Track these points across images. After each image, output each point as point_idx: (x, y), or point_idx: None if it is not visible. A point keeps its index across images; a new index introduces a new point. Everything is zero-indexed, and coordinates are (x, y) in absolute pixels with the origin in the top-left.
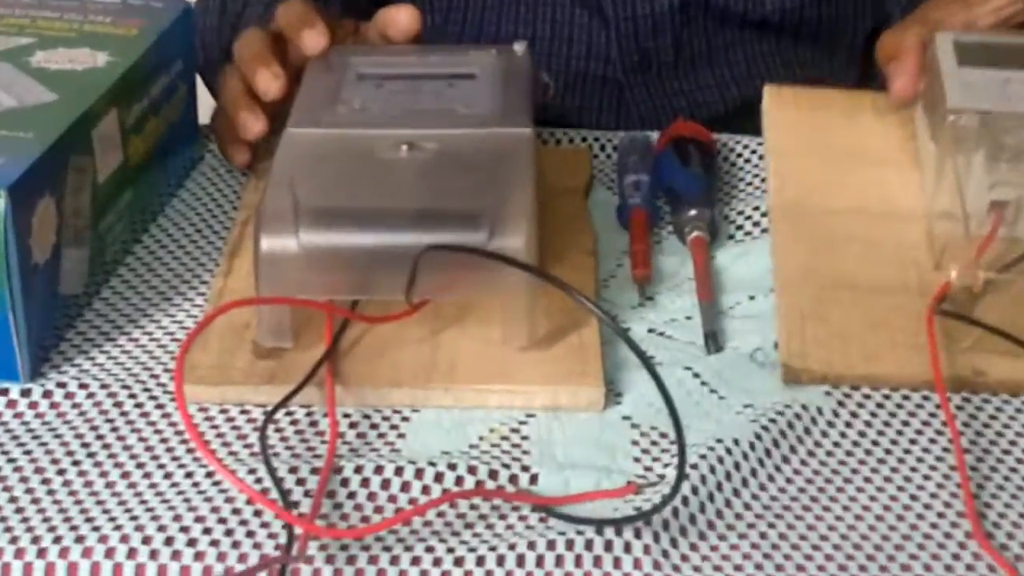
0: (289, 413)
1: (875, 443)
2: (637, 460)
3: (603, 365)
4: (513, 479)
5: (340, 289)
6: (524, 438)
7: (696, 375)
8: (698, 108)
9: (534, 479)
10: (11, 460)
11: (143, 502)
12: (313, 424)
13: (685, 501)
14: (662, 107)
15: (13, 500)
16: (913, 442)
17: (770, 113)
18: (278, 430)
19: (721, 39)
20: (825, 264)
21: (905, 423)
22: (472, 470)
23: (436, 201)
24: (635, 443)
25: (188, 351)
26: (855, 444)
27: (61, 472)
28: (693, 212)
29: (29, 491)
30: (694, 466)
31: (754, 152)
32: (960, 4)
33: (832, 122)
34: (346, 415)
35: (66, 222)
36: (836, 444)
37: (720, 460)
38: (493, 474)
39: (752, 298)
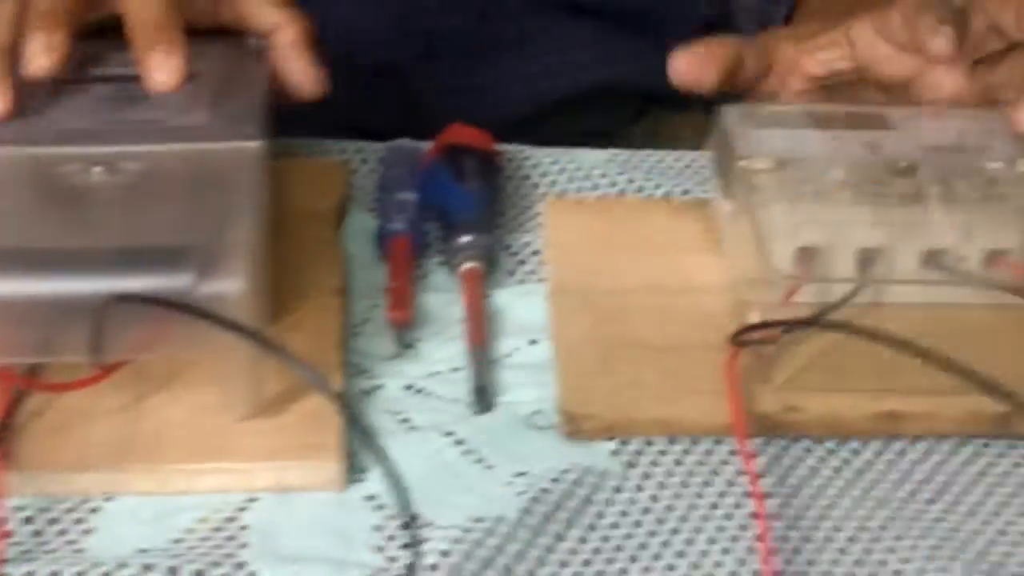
0: None
1: (670, 508)
2: (380, 549)
3: (346, 435)
4: None
5: (11, 350)
6: (243, 528)
7: (459, 441)
8: (500, 107)
9: None
10: None
11: None
12: None
13: None
14: (456, 106)
15: None
16: (715, 506)
17: (550, 217)
18: None
19: (528, 24)
20: (613, 330)
21: (707, 483)
22: (173, 572)
23: (133, 237)
24: (378, 529)
25: None
26: (645, 511)
27: None
28: (466, 239)
29: None
30: (446, 553)
31: (555, 163)
32: (791, 39)
33: (620, 221)
34: (20, 508)
35: None
36: (624, 513)
37: (478, 543)
38: (199, 575)
39: (534, 343)
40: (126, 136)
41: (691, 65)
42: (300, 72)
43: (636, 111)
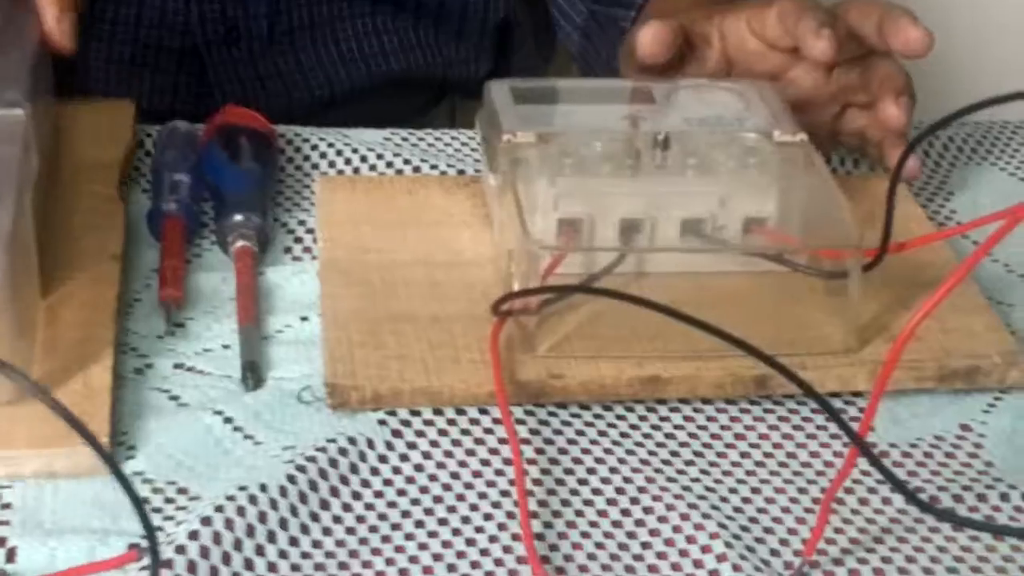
0: None
1: (433, 477)
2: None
3: (116, 413)
4: None
5: None
6: (5, 506)
7: (228, 419)
8: (298, 93)
9: (11, 555)
10: None
11: None
12: None
13: (192, 567)
14: (254, 92)
15: None
16: (478, 474)
17: (321, 195)
18: None
19: (327, 11)
20: (381, 304)
21: (470, 451)
22: None
23: None
24: (145, 501)
25: None
26: (409, 480)
27: None
28: (239, 217)
29: None
30: (207, 520)
31: (331, 146)
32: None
33: (392, 198)
34: None
35: None
36: (387, 482)
37: (240, 511)
38: None
39: (305, 319)
40: None
41: (657, 38)
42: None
43: (432, 99)
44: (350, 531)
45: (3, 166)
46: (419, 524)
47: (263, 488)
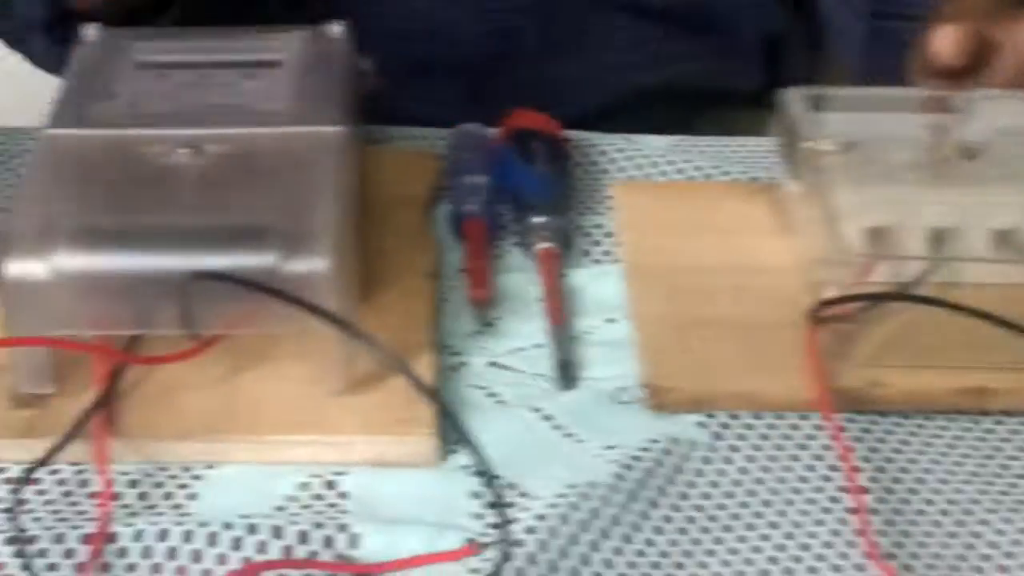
0: (54, 471)
1: (759, 480)
2: (478, 516)
3: (435, 409)
4: (328, 541)
5: (107, 323)
6: (342, 495)
7: (547, 417)
8: (566, 104)
9: (354, 541)
10: None
11: None
12: (84, 484)
13: (532, 560)
14: (523, 102)
15: None
16: (804, 479)
17: (618, 200)
18: (40, 492)
19: (595, 23)
20: (689, 309)
21: (794, 457)
22: (278, 533)
23: (219, 216)
24: (476, 496)
25: None
26: (736, 483)
27: None
28: (541, 219)
29: None
30: (542, 516)
31: (621, 151)
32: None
33: (689, 204)
34: (124, 473)
35: None
36: (714, 484)
37: (574, 507)
38: (303, 536)
39: (612, 321)
40: (212, 119)
41: (954, 43)
42: None
43: (696, 109)
44: (682, 531)
45: (325, 171)
46: (750, 527)
47: (593, 485)
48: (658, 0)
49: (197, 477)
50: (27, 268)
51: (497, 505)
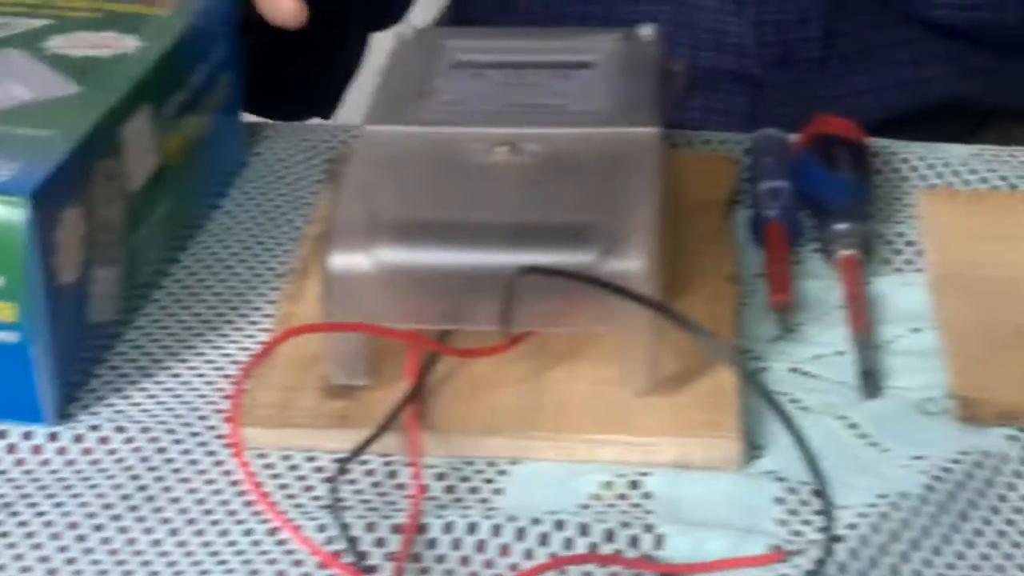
0: (363, 462)
1: None
2: (782, 523)
3: (742, 412)
4: (634, 541)
5: (424, 317)
6: (646, 495)
7: (852, 425)
8: (848, 117)
9: (659, 541)
10: (40, 514)
11: (196, 563)
12: (392, 475)
13: (842, 568)
14: (804, 114)
15: (44, 559)
16: None
17: (924, 209)
18: (351, 481)
19: (881, 36)
20: (1000, 318)
21: None
22: (584, 530)
23: (538, 213)
24: (780, 501)
25: (245, 388)
26: None
27: (98, 528)
28: (843, 226)
29: (62, 549)
30: (852, 526)
31: (922, 160)
32: None
33: (995, 213)
34: (431, 466)
35: (95, 237)
36: None
37: (884, 517)
38: (609, 535)
39: (916, 331)
40: (529, 119)
41: None
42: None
43: (979, 124)
44: (992, 545)
45: (642, 171)
46: None
47: (904, 496)
48: (947, 14)
49: (502, 472)
50: (351, 261)
51: (820, 512)
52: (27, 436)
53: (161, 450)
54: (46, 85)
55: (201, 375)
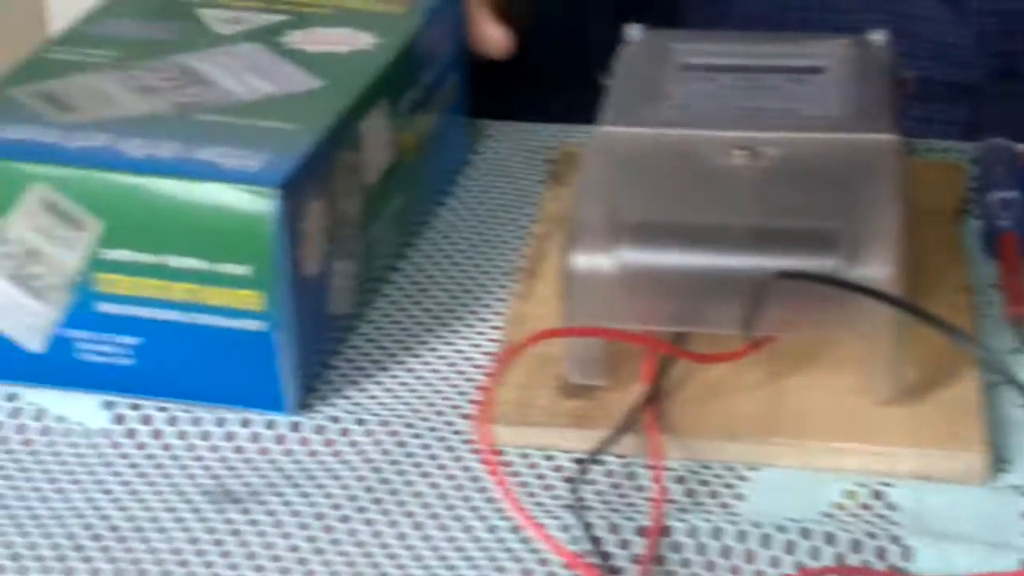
0: (601, 462)
1: None
2: None
3: (986, 424)
4: (881, 553)
5: (664, 319)
6: (890, 507)
7: None
8: None
9: (907, 554)
10: (287, 503)
11: (442, 558)
12: (631, 476)
13: None
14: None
15: (294, 549)
16: None
17: None
18: (590, 481)
19: None
20: None
21: None
22: (830, 539)
23: (780, 218)
24: None
25: (490, 387)
26: None
27: (345, 519)
28: None
29: (311, 539)
30: None
31: None
32: None
33: None
34: (669, 469)
35: (336, 229)
36: None
37: None
38: (856, 545)
39: None
40: (765, 123)
41: None
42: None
43: None
44: None
45: (883, 177)
46: None
47: None
48: None
49: (742, 478)
50: (593, 262)
51: None
52: (270, 425)
53: (401, 444)
54: (288, 79)
55: (435, 370)
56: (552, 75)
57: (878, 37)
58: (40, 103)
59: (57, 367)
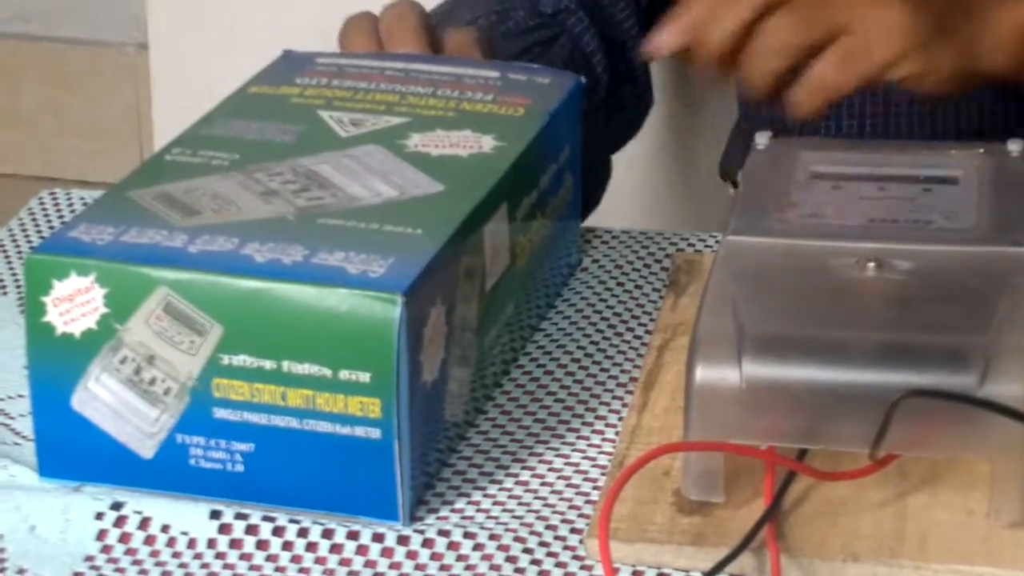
0: None
1: None
2: None
3: None
4: None
5: (787, 435)
6: None
7: None
8: None
9: None
10: None
11: None
12: None
13: None
14: None
15: None
16: None
17: None
18: None
19: None
20: None
21: None
22: None
23: (910, 332)
24: None
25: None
26: None
27: None
28: None
29: None
30: None
31: None
32: None
33: None
34: None
35: (455, 336)
36: None
37: None
38: None
39: None
40: (896, 234)
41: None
42: None
43: None
44: None
45: (1017, 291)
46: None
47: None
48: None
49: None
50: (716, 374)
51: None
52: (377, 538)
53: (511, 559)
54: (410, 182)
55: (547, 483)
56: None
57: (1015, 146)
58: (161, 206)
59: (168, 473)
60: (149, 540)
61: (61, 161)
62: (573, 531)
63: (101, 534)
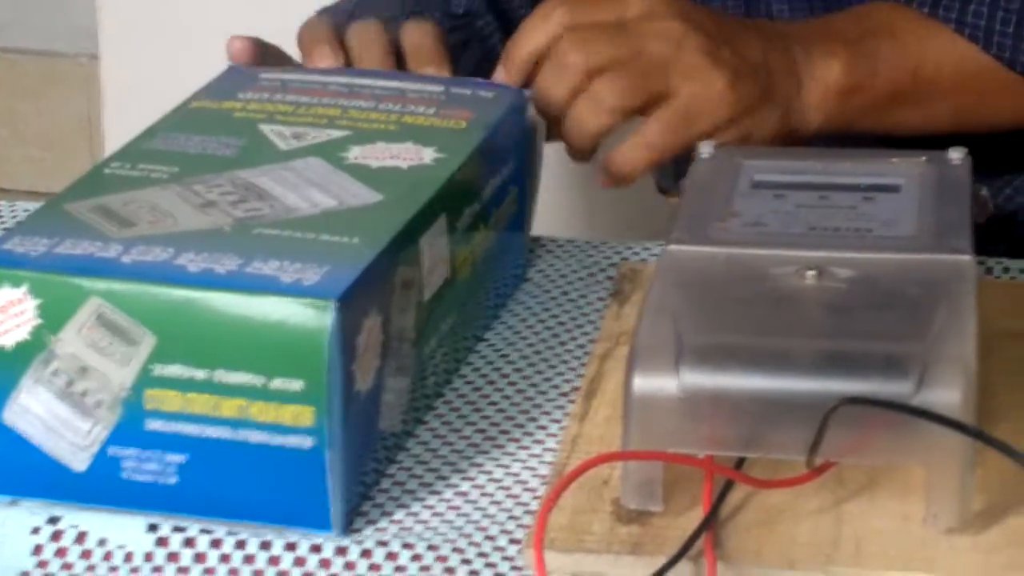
0: None
1: None
2: None
3: None
4: None
5: (725, 444)
6: None
7: None
8: None
9: None
10: None
11: None
12: None
13: None
14: None
15: None
16: None
17: None
18: None
19: None
20: None
21: None
22: None
23: (850, 340)
24: None
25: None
26: None
27: None
28: None
29: None
30: None
31: None
32: None
33: None
34: None
35: (390, 345)
36: None
37: None
38: None
39: None
40: (836, 242)
41: None
42: None
43: None
44: None
45: (956, 300)
46: None
47: None
48: None
49: None
50: (655, 384)
51: None
52: (315, 549)
53: (449, 570)
54: (348, 193)
55: (486, 493)
56: None
57: (957, 155)
58: (98, 218)
59: (101, 486)
60: (85, 554)
61: (13, 171)
62: (512, 541)
63: (37, 549)
